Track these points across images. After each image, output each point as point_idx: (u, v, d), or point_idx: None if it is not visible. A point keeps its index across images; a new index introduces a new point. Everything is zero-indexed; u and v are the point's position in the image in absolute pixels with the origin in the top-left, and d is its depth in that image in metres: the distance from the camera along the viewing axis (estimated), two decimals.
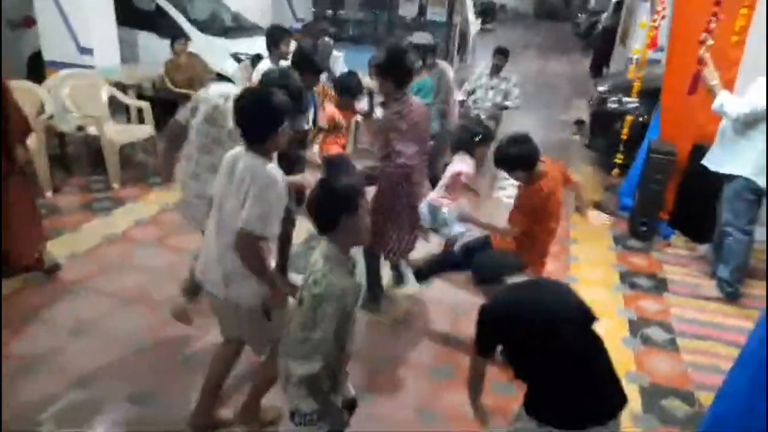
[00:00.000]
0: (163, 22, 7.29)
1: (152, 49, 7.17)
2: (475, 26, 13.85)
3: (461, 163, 3.75)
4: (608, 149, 6.00)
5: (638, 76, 5.06)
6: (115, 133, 5.41)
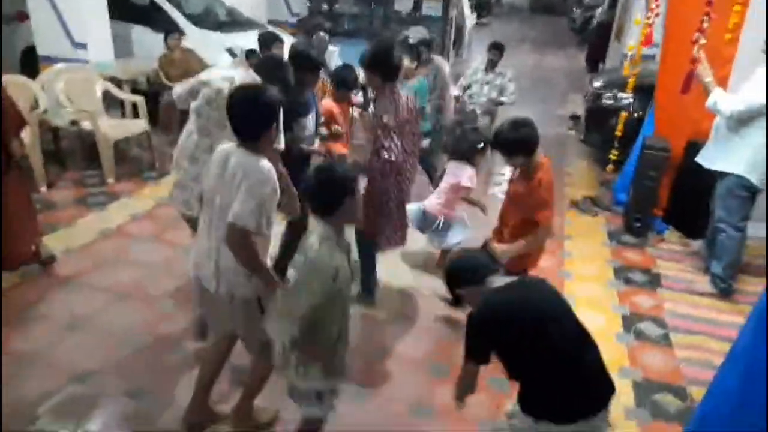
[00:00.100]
0: (157, 16, 7.24)
1: (146, 43, 7.12)
2: (470, 20, 13.81)
3: (461, 173, 3.74)
4: (603, 145, 6.02)
5: (633, 72, 5.08)
6: (109, 127, 5.38)
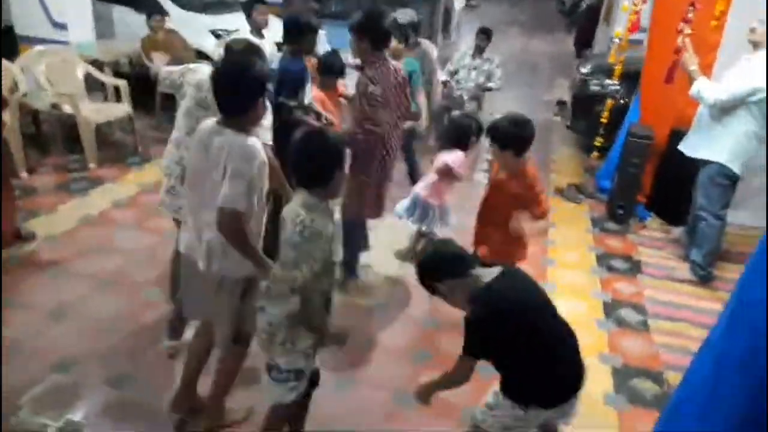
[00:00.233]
0: None
1: (129, 24, 6.99)
2: (459, 2, 13.69)
3: (452, 158, 3.73)
4: (589, 131, 6.02)
5: (619, 59, 5.07)
6: (91, 111, 5.30)
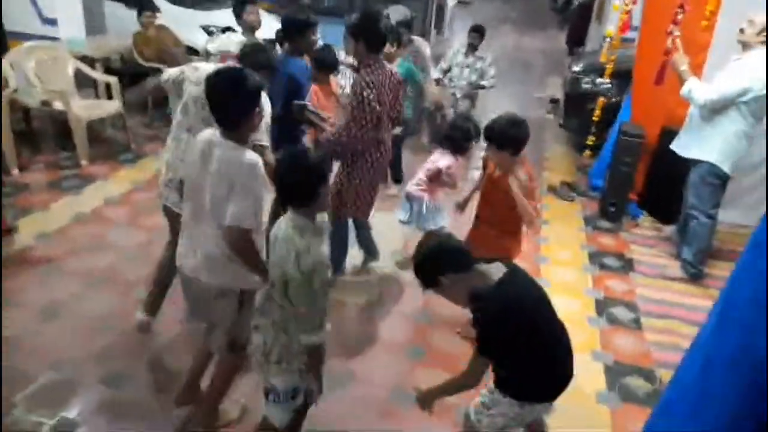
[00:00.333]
0: None
1: (119, 19, 6.93)
2: None
3: (443, 161, 3.74)
4: (581, 129, 6.04)
5: (611, 59, 5.10)
6: (82, 108, 5.26)
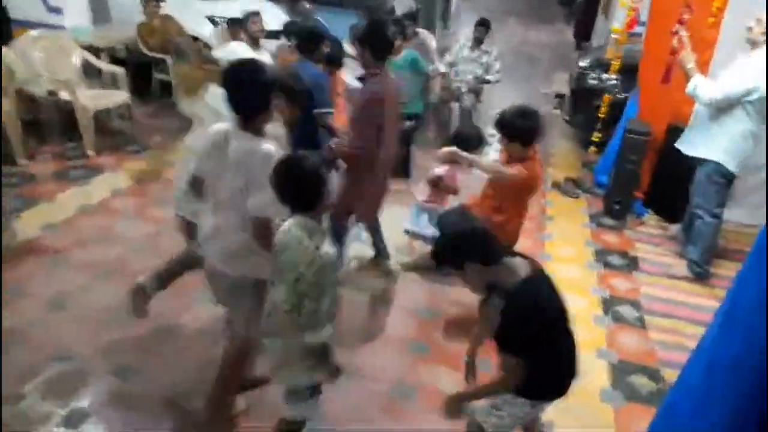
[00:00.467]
0: None
1: (125, 9, 6.90)
2: None
3: (443, 168, 3.75)
4: (587, 126, 6.02)
5: (617, 55, 5.08)
6: (88, 98, 5.25)
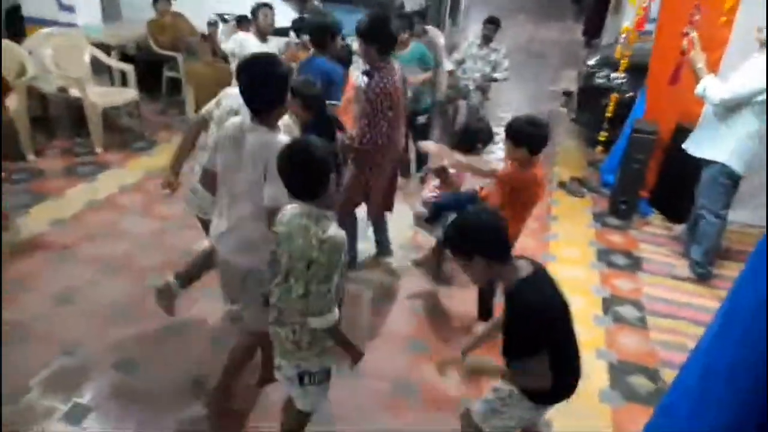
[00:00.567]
0: None
1: (135, 6, 6.98)
2: None
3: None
4: (594, 124, 6.00)
5: (625, 54, 5.05)
6: (97, 95, 5.32)
